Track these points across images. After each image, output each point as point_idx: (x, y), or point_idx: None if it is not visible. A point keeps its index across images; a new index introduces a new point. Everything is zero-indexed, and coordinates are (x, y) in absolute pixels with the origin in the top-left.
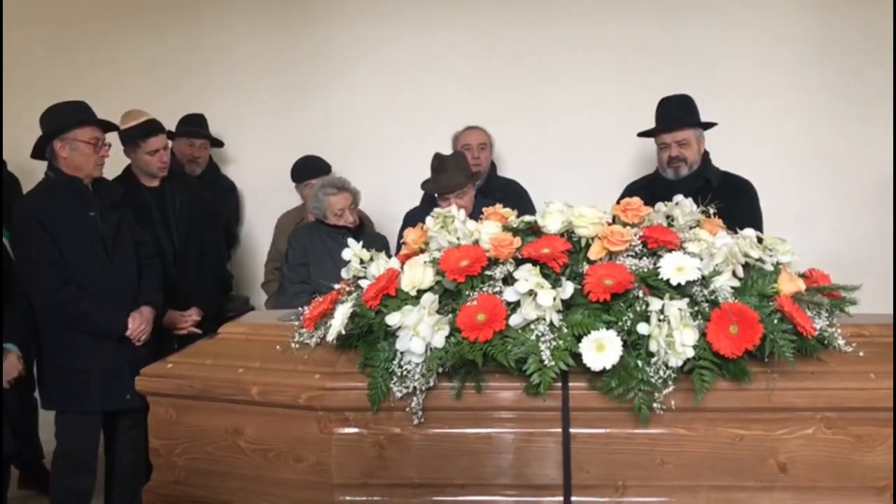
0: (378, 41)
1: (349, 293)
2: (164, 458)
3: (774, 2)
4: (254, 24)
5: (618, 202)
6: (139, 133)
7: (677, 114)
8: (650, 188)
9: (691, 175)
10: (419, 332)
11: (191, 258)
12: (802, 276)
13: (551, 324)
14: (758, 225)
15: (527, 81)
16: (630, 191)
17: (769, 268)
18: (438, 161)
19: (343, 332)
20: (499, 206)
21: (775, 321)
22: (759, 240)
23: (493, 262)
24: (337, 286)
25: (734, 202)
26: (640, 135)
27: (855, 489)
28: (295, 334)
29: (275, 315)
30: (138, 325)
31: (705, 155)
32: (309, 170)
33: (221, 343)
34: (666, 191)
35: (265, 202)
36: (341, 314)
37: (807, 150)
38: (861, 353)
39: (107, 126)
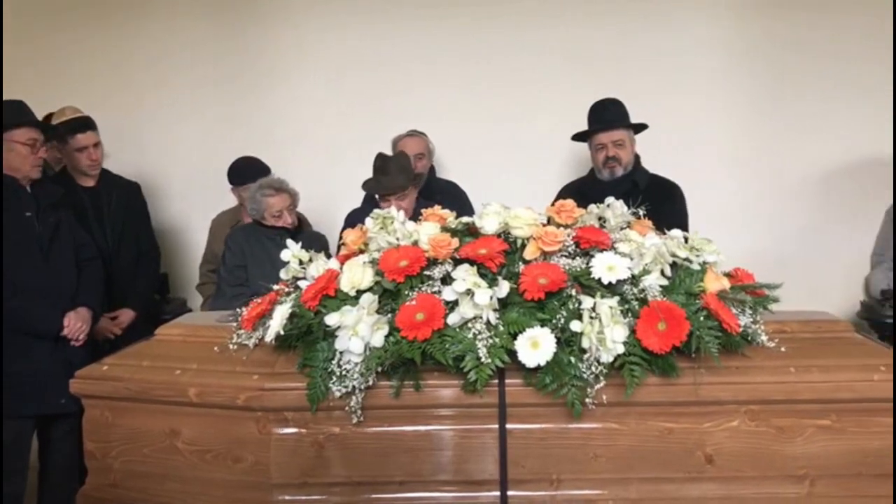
0: (321, 41)
1: (288, 294)
2: (99, 461)
3: (705, 5)
4: (195, 23)
5: (553, 203)
6: (68, 130)
7: (613, 115)
8: (583, 189)
9: (622, 177)
10: (358, 331)
11: (125, 259)
12: (728, 274)
13: (488, 322)
14: (684, 225)
15: (468, 84)
16: (564, 192)
17: (696, 267)
18: (381, 161)
19: (282, 332)
20: (438, 208)
21: (701, 318)
22: (686, 240)
23: (432, 262)
24: (275, 287)
25: (662, 204)
26: (575, 137)
27: (776, 478)
28: (233, 335)
29: (213, 316)
30: (75, 323)
31: (636, 157)
32: (246, 172)
33: (158, 345)
34: (597, 192)
35: (201, 203)
36: (280, 315)
37: (734, 151)
38: (783, 349)
39: (45, 127)
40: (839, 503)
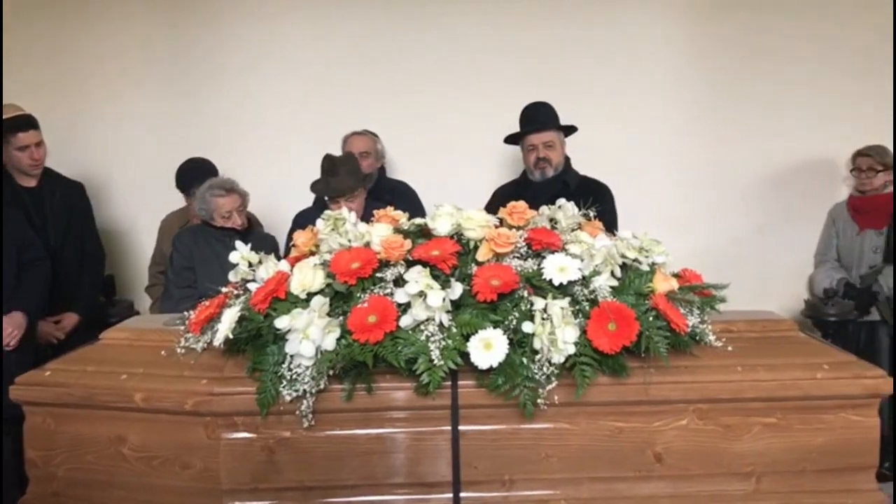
0: (269, 41)
1: (237, 297)
2: (41, 469)
3: (652, 8)
4: (142, 22)
5: (488, 205)
6: (9, 128)
7: (543, 117)
8: (516, 191)
9: (552, 178)
10: (309, 335)
11: (69, 261)
12: (676, 275)
13: (441, 324)
14: (614, 226)
15: (419, 84)
16: (498, 194)
17: (645, 268)
18: (329, 163)
19: (231, 336)
20: (390, 209)
21: (651, 319)
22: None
23: (384, 264)
24: (224, 290)
25: (592, 205)
26: (507, 139)
27: (724, 476)
28: (181, 339)
29: (160, 320)
30: (5, 328)
31: (567, 159)
32: (195, 177)
33: (103, 349)
34: (529, 193)
35: (150, 203)
36: (229, 318)
37: (682, 152)
38: (730, 348)
39: None
40: (784, 499)
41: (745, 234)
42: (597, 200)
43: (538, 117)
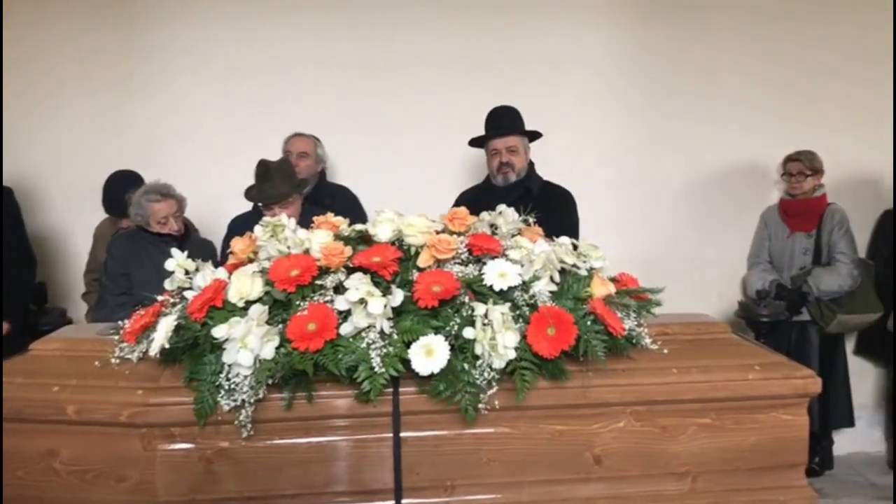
0: (208, 44)
1: (173, 305)
2: None
3: (593, 17)
4: (76, 25)
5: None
6: None
7: (507, 121)
8: (479, 196)
9: (515, 183)
10: (247, 343)
11: None
12: (613, 279)
13: (382, 331)
14: (574, 232)
15: (362, 88)
16: (462, 199)
17: (583, 273)
18: (263, 169)
19: (167, 345)
20: (330, 215)
21: (589, 323)
22: (575, 247)
23: (324, 271)
24: (160, 298)
25: (554, 210)
26: (471, 143)
27: (660, 476)
28: (115, 349)
29: (93, 329)
30: None
31: (531, 164)
32: (123, 199)
33: (34, 360)
34: (492, 198)
35: (84, 208)
36: (165, 327)
37: (619, 158)
38: (665, 351)
39: None
40: (719, 497)
41: (680, 238)
42: (558, 206)
43: (502, 122)
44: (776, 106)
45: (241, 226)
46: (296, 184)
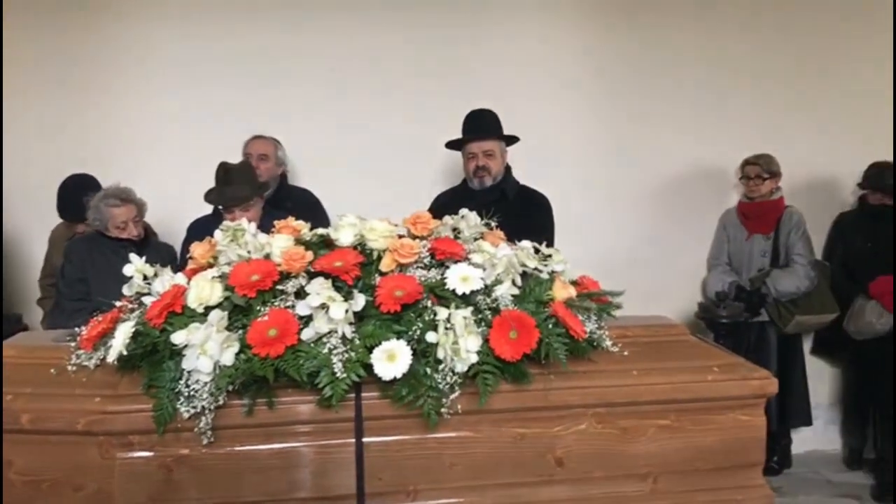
0: (168, 43)
1: (131, 311)
2: None
3: (559, 20)
4: (33, 24)
5: (429, 211)
6: None
7: (485, 125)
8: (455, 198)
9: (491, 187)
10: (207, 350)
11: None
12: (574, 282)
13: (343, 336)
14: (549, 236)
15: (325, 90)
16: (439, 201)
17: (545, 276)
18: (224, 171)
19: (125, 352)
20: (291, 219)
21: (550, 326)
22: (537, 250)
23: (285, 276)
24: (118, 304)
25: (529, 214)
26: (448, 145)
27: (622, 477)
28: (71, 356)
29: (49, 336)
30: None
31: (507, 168)
32: (79, 205)
33: None
34: (469, 202)
35: (41, 212)
36: (123, 333)
37: (582, 160)
38: (626, 353)
39: None
40: (679, 497)
41: (641, 240)
42: (533, 210)
43: (480, 125)
44: (735, 110)
45: (200, 229)
46: (257, 187)
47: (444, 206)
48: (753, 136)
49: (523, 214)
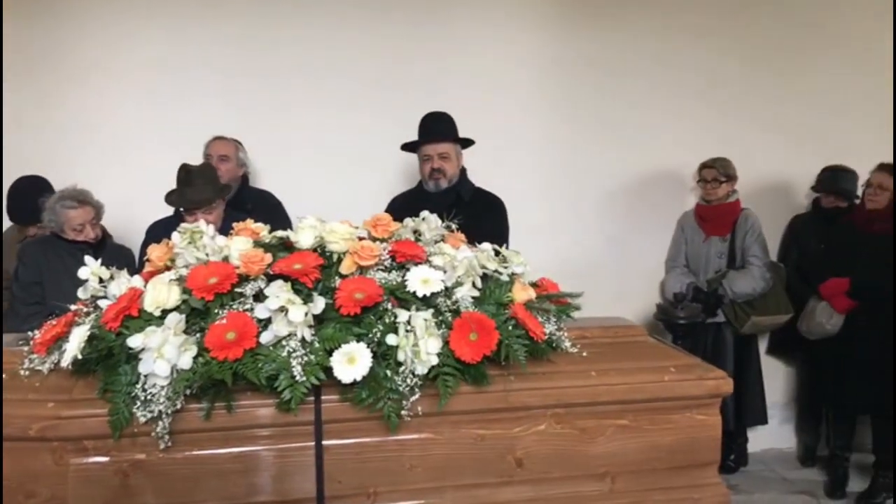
0: (123, 43)
1: (87, 314)
2: None
3: (519, 24)
4: None
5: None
6: None
7: (440, 127)
8: (411, 200)
9: (447, 189)
10: (164, 353)
11: None
12: (534, 284)
13: (303, 339)
14: (504, 239)
15: (287, 91)
16: (394, 203)
17: (505, 278)
18: (185, 173)
19: (80, 356)
20: (250, 222)
21: (510, 328)
22: (497, 252)
23: (244, 278)
24: (73, 307)
25: (484, 217)
26: (404, 147)
27: (580, 477)
28: (25, 360)
29: (2, 340)
30: None
31: (463, 170)
32: (29, 208)
33: None
34: (424, 204)
35: None
36: (77, 337)
37: (543, 164)
38: (584, 354)
39: None
40: (637, 496)
41: (601, 242)
42: (488, 212)
43: (435, 128)
44: (692, 114)
45: (160, 231)
46: (219, 189)
47: (399, 208)
48: (710, 140)
49: (478, 216)
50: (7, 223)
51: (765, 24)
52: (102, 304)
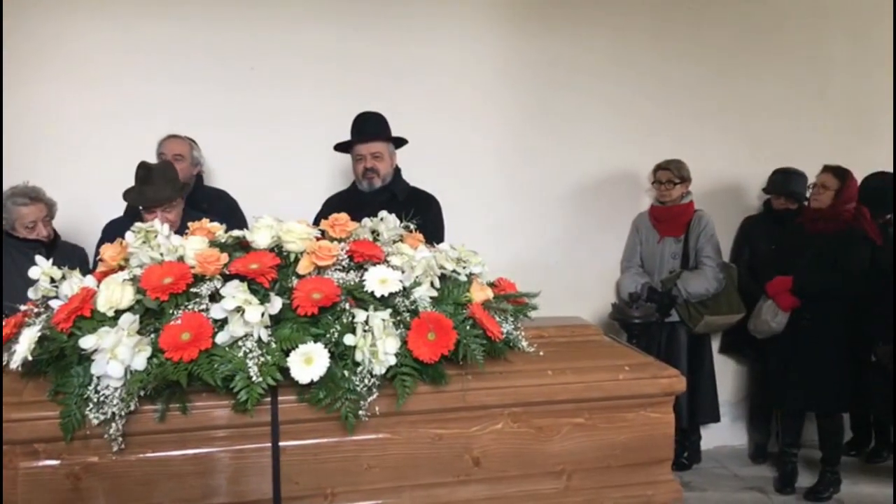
0: (76, 34)
1: (37, 315)
2: None
3: (475, 23)
4: None
5: (319, 215)
6: None
7: (372, 127)
8: (346, 200)
9: (381, 188)
10: (117, 354)
11: None
12: (492, 284)
13: (259, 339)
14: (439, 236)
15: (237, 87)
16: (328, 204)
17: (463, 278)
18: (144, 171)
19: (30, 357)
20: (206, 221)
21: (468, 327)
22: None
23: (200, 278)
24: (24, 307)
25: (419, 215)
26: (337, 147)
27: (537, 475)
28: None
29: None
30: None
31: (397, 170)
32: None
33: None
34: (358, 204)
35: None
36: (28, 338)
37: (501, 164)
38: (541, 353)
39: None
40: (592, 493)
41: (557, 242)
42: (423, 211)
43: (367, 128)
44: (646, 116)
45: (116, 230)
46: (178, 187)
47: (334, 208)
48: (664, 142)
49: (414, 215)
50: None
51: (718, 26)
52: (54, 304)
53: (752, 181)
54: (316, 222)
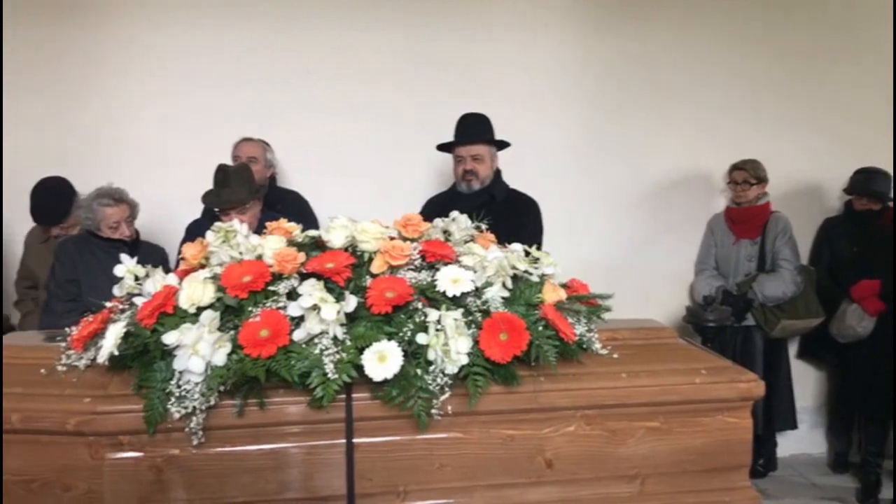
0: (160, 43)
1: (122, 311)
2: None
3: (546, 26)
4: (24, 21)
5: (420, 213)
6: None
7: (474, 129)
8: (445, 201)
9: (479, 190)
10: (198, 350)
11: None
12: (564, 286)
13: (335, 337)
14: (538, 239)
15: (314, 91)
16: (429, 204)
17: (535, 279)
18: (222, 174)
19: (116, 352)
20: (283, 221)
21: (540, 328)
22: (527, 253)
23: (277, 277)
24: (109, 304)
25: (517, 218)
26: (439, 148)
27: (609, 479)
28: (61, 356)
29: (38, 336)
30: None
31: (497, 172)
32: (57, 211)
33: None
34: (457, 204)
35: (25, 213)
36: (113, 334)
37: (573, 165)
38: (615, 356)
39: None
40: (667, 499)
41: (630, 245)
42: (522, 214)
43: (469, 130)
44: (722, 116)
45: (198, 231)
46: (254, 189)
47: (434, 208)
48: (741, 142)
49: (512, 218)
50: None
51: (797, 25)
52: (138, 301)
53: (831, 182)
54: None
